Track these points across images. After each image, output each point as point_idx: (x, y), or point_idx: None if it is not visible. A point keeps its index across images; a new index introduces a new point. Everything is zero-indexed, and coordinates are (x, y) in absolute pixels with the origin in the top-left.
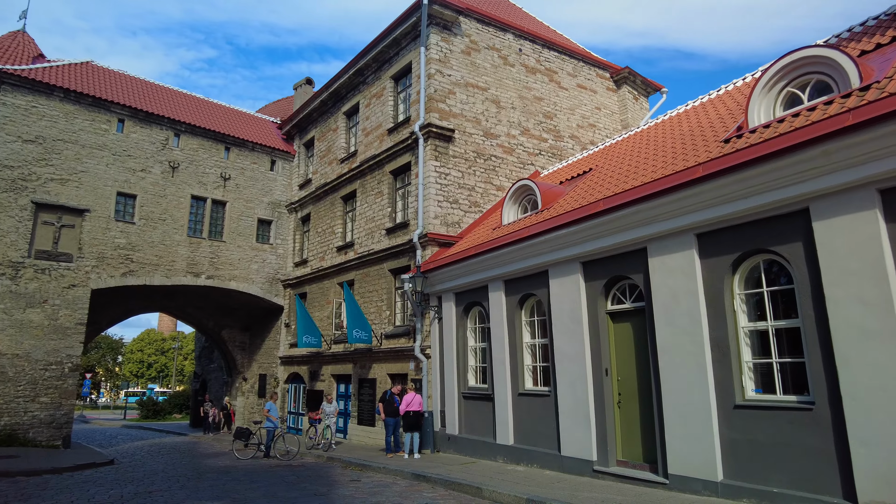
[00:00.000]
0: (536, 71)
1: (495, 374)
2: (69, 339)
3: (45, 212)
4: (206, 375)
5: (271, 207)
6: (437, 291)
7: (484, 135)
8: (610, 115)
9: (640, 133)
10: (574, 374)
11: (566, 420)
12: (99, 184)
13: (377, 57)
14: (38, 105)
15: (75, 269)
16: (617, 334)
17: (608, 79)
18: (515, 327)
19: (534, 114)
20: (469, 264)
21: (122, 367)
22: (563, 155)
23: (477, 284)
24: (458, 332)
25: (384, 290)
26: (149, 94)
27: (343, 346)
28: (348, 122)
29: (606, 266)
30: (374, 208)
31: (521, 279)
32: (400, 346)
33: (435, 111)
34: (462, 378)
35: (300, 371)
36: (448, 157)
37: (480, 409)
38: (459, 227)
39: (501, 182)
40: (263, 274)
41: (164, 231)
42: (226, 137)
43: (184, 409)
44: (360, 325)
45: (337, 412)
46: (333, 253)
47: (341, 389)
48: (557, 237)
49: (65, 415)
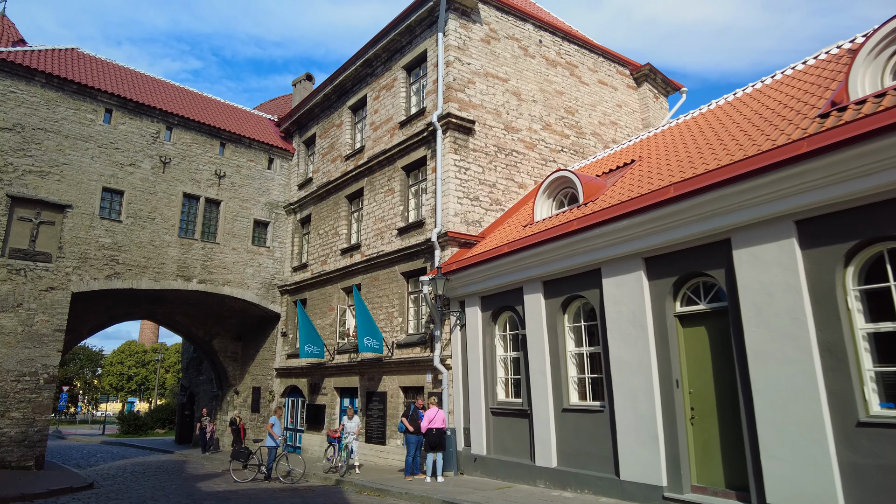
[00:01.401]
0: (557, 64)
1: (533, 387)
2: (45, 347)
3: (22, 206)
4: (195, 388)
5: (268, 208)
6: (460, 296)
7: (505, 128)
8: (631, 114)
9: (680, 125)
10: (636, 387)
11: (626, 439)
12: (83, 178)
13: (388, 46)
14: (16, 90)
15: (54, 270)
16: (688, 340)
17: (628, 76)
18: (557, 334)
19: (555, 108)
20: (500, 264)
21: (101, 379)
22: (585, 153)
23: (509, 286)
24: (485, 341)
25: (396, 295)
26: (139, 84)
27: (348, 357)
28: (354, 117)
29: (676, 262)
30: (383, 207)
31: (565, 279)
32: (415, 356)
33: (454, 101)
34: (490, 392)
35: (299, 384)
36: (468, 150)
37: (514, 427)
38: (480, 225)
39: (523, 179)
40: (259, 279)
41: (153, 231)
42: (221, 132)
43: (167, 423)
44: (371, 333)
45: (360, 430)
46: (337, 256)
47: (346, 404)
48: (615, 230)
49: (38, 432)
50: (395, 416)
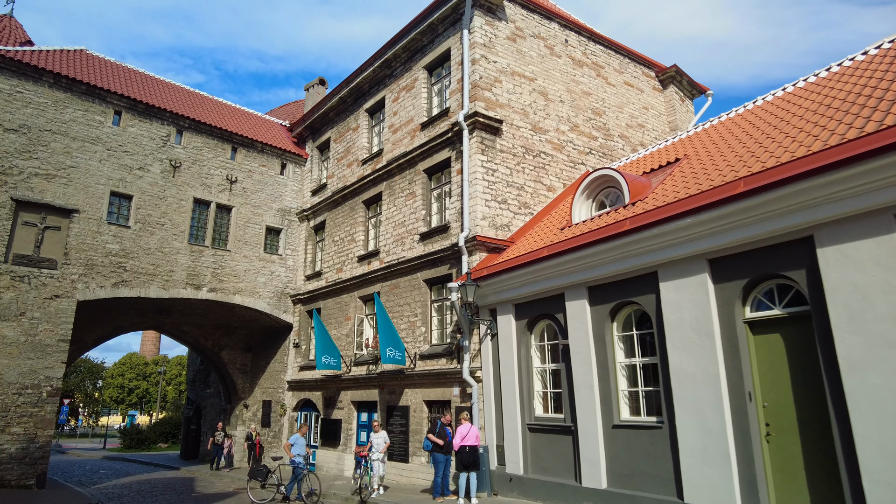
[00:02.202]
0: (583, 64)
1: (578, 401)
2: (49, 358)
3: (27, 211)
4: (201, 402)
5: (281, 215)
6: (491, 303)
7: (532, 129)
8: (657, 116)
9: (721, 124)
10: (702, 400)
11: (691, 459)
12: (90, 181)
13: (408, 46)
14: (23, 91)
15: (60, 277)
16: (760, 348)
17: (653, 78)
18: (606, 343)
19: (583, 109)
20: (538, 269)
21: (102, 392)
22: (614, 155)
23: (548, 293)
24: (520, 351)
25: (418, 304)
26: (149, 86)
27: (366, 369)
28: (371, 121)
29: (745, 263)
30: (404, 212)
31: (614, 284)
32: (440, 368)
33: (480, 100)
34: (527, 406)
35: (312, 397)
36: (495, 151)
37: (555, 445)
38: (509, 230)
39: (552, 182)
40: (271, 288)
41: (162, 237)
42: (233, 136)
43: (169, 437)
44: (394, 343)
45: (388, 446)
46: (354, 263)
47: (363, 419)
48: (675, 230)
49: (40, 448)
50: (418, 432)
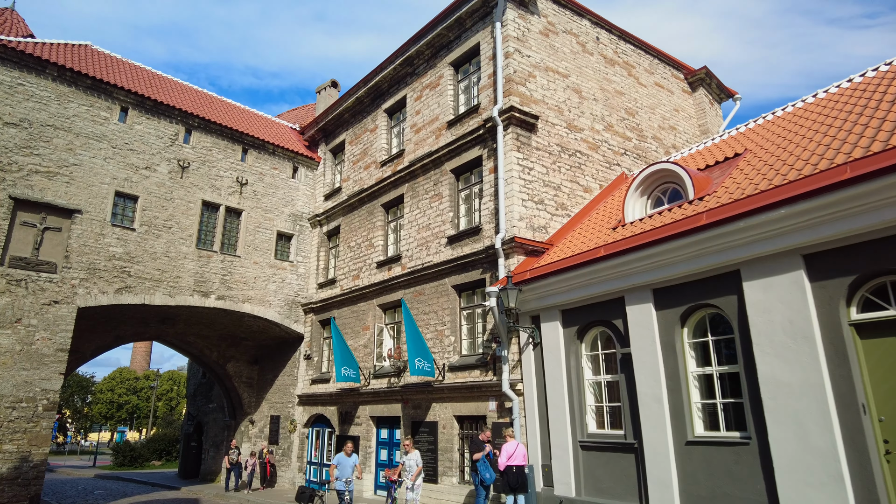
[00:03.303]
0: (615, 63)
1: (643, 416)
2: (46, 369)
3: (26, 210)
4: (202, 417)
5: (292, 220)
6: (533, 310)
7: (567, 127)
8: (688, 119)
9: (781, 117)
10: (801, 413)
11: (790, 478)
12: (94, 180)
13: (433, 42)
14: (25, 83)
15: (59, 281)
16: (870, 354)
17: (682, 80)
18: (676, 351)
19: (616, 109)
20: (592, 271)
21: (91, 407)
22: (647, 157)
23: (602, 297)
24: (570, 362)
25: (446, 311)
26: (156, 84)
27: (387, 382)
28: (390, 121)
29: (851, 258)
30: (429, 214)
31: (684, 286)
32: (473, 380)
33: (515, 95)
34: (578, 422)
35: (326, 412)
36: (531, 148)
37: (613, 464)
38: (546, 231)
39: (588, 182)
40: (282, 296)
41: (168, 241)
42: (244, 137)
43: (163, 455)
44: (422, 353)
45: (421, 470)
46: (372, 270)
47: (383, 435)
48: (763, 223)
49: (34, 468)
50: (448, 450)
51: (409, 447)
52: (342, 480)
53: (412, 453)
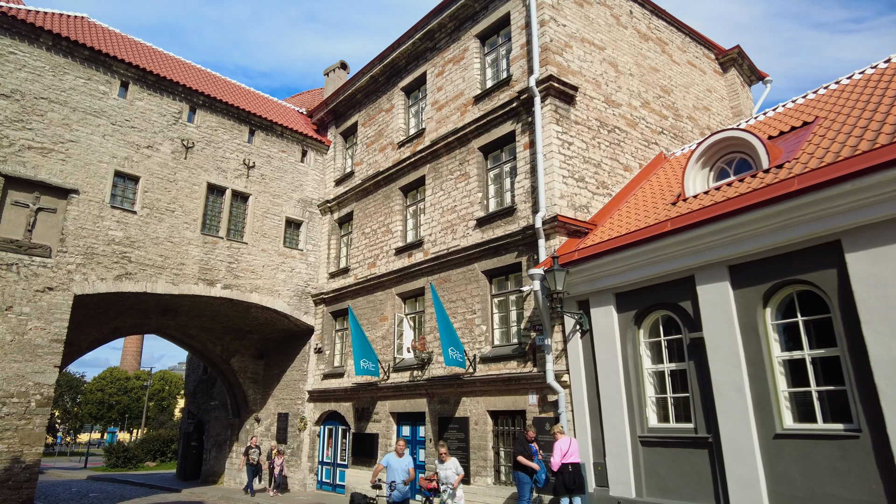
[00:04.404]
0: (648, 38)
1: (720, 407)
2: (40, 361)
3: (18, 188)
4: (203, 415)
5: (301, 206)
6: (581, 294)
7: (605, 101)
8: (720, 101)
9: (844, 86)
10: None
11: None
12: (92, 159)
13: (456, 14)
14: (17, 52)
15: (54, 266)
16: None
17: (713, 60)
18: (759, 334)
19: (652, 85)
20: (654, 249)
21: (81, 407)
22: (684, 137)
23: (666, 277)
24: (626, 350)
25: (476, 299)
26: (158, 60)
27: (409, 375)
28: (408, 100)
29: None
30: (454, 196)
31: (768, 261)
32: (510, 372)
33: (552, 65)
34: (637, 415)
35: (340, 409)
36: (570, 122)
37: (681, 461)
38: (587, 211)
39: (628, 161)
40: (291, 286)
41: (172, 225)
42: (251, 117)
43: (158, 455)
44: (454, 343)
45: (461, 478)
46: (390, 257)
47: (405, 432)
48: (870, 186)
49: (27, 469)
50: (481, 448)
51: (446, 455)
52: (397, 490)
53: (449, 461)
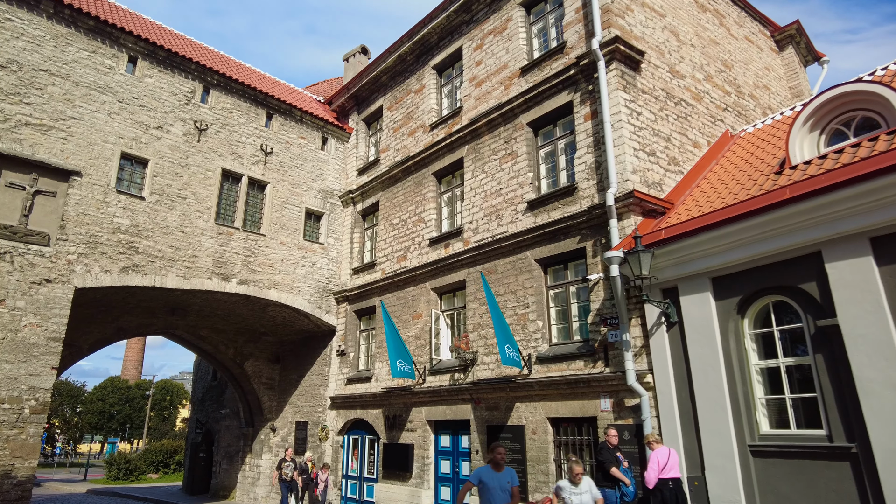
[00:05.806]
0: (706, 9)
1: (868, 409)
2: (35, 362)
3: (14, 168)
4: (213, 424)
5: (322, 197)
6: (667, 280)
7: (669, 71)
8: (778, 80)
9: None
10: None
11: None
12: (97, 138)
13: None
14: (14, 19)
15: (53, 256)
16: None
17: (769, 37)
18: None
19: (713, 59)
20: (766, 221)
21: (81, 417)
22: (747, 116)
23: (781, 254)
24: (727, 343)
25: (529, 291)
26: (169, 37)
27: (449, 378)
28: (440, 79)
29: None
30: (499, 178)
31: None
32: (574, 373)
33: (615, 27)
34: (745, 421)
35: (367, 417)
36: (637, 90)
37: (809, 475)
38: (661, 189)
39: (696, 137)
40: (312, 282)
41: (183, 213)
42: (268, 100)
43: (160, 467)
44: (510, 340)
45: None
46: (423, 248)
47: (444, 442)
48: None
49: (19, 485)
50: (541, 461)
51: (581, 475)
52: None
53: (584, 482)
